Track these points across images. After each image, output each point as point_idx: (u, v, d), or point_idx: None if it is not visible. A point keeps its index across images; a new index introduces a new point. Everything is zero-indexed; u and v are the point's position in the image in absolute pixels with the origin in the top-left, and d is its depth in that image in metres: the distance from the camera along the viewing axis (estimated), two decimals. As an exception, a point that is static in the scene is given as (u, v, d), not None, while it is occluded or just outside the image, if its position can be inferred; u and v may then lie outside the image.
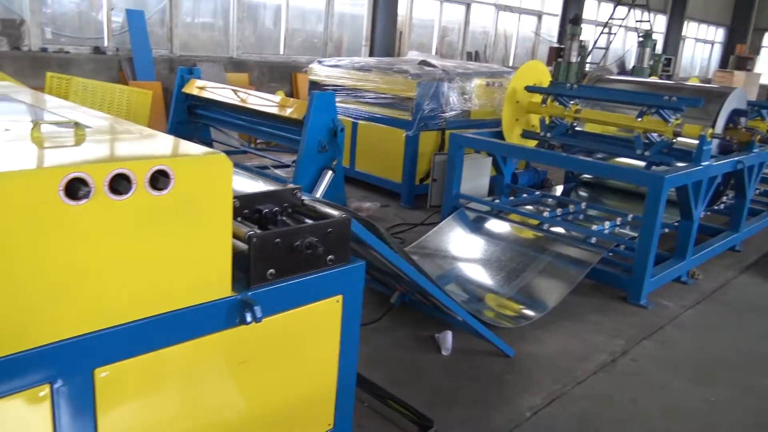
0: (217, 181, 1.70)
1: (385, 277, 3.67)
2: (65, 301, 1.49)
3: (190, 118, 5.95)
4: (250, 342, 1.92)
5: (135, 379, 1.69)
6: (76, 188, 1.43)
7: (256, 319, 1.82)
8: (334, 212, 2.16)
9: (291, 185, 2.25)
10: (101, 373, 1.61)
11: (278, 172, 6.04)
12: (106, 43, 8.43)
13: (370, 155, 6.74)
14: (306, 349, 2.11)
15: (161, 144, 1.80)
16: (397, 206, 6.34)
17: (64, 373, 1.54)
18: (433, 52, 13.38)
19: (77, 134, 1.78)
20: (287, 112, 5.13)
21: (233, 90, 5.85)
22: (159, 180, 1.57)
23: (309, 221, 2.12)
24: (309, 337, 2.10)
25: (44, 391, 1.52)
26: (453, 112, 6.36)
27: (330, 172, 4.97)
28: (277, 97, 5.53)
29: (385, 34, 11.20)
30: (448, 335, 3.52)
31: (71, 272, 1.48)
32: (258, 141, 7.67)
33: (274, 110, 5.21)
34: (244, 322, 1.83)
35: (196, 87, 5.95)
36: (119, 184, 1.50)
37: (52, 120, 1.85)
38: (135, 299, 1.62)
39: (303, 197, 2.24)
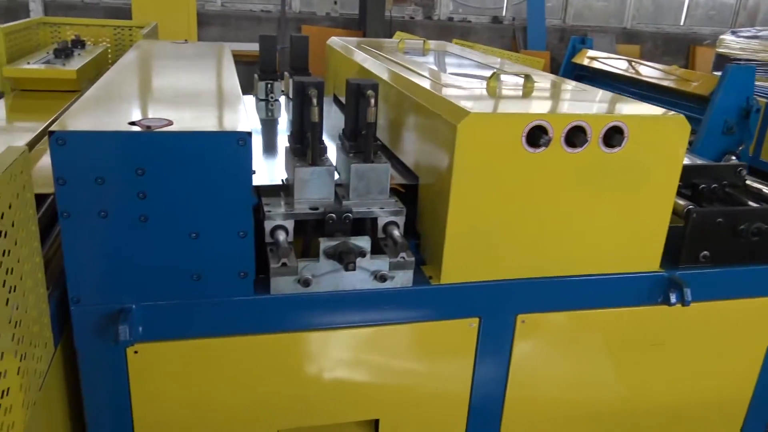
0: (671, 146, 1.56)
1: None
2: (507, 244, 1.55)
3: (577, 88, 5.83)
4: (668, 325, 1.76)
5: (550, 332, 1.70)
6: (537, 136, 1.45)
7: (683, 302, 1.65)
8: (788, 199, 1.83)
9: (734, 161, 1.97)
10: (522, 320, 1.65)
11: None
12: (504, 13, 8.83)
13: (785, 144, 5.69)
14: (726, 348, 1.85)
15: (613, 101, 1.72)
16: (812, 208, 5.25)
17: (492, 312, 1.62)
18: None
19: (527, 86, 1.82)
20: (691, 86, 4.63)
21: (628, 60, 5.53)
22: (613, 137, 1.50)
23: (753, 204, 1.83)
24: (732, 336, 1.84)
25: (474, 323, 1.62)
26: None
27: (733, 158, 4.35)
28: (679, 70, 5.03)
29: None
30: None
31: (519, 216, 1.53)
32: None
33: (674, 84, 4.75)
34: (667, 302, 1.67)
35: (587, 57, 5.80)
36: (576, 136, 1.48)
37: (507, 71, 1.93)
38: (567, 255, 1.61)
39: (746, 177, 1.95)
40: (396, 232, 1.54)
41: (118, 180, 1.27)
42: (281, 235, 1.47)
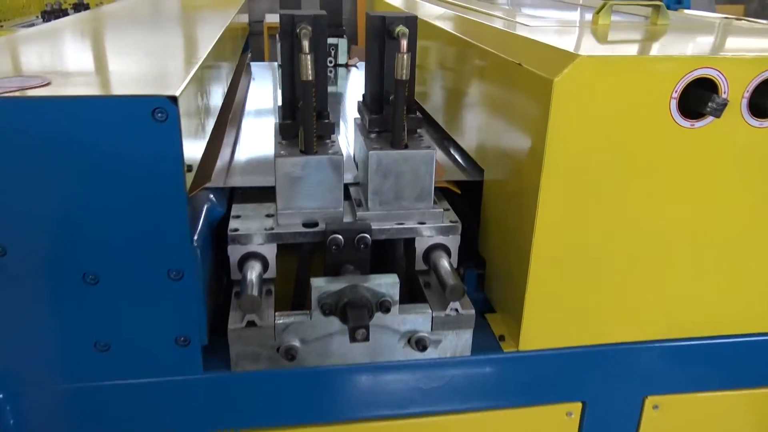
0: None
1: None
2: (635, 284, 0.91)
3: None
4: None
5: (698, 423, 1.05)
6: (700, 98, 0.80)
7: None
8: None
9: None
10: (653, 405, 1.01)
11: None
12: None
13: None
14: None
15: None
16: None
17: (604, 394, 0.99)
18: None
19: (656, 23, 1.15)
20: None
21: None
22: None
23: None
24: None
25: (573, 411, 0.99)
26: None
27: None
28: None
29: None
30: None
31: (659, 238, 0.88)
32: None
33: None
34: None
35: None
36: (765, 98, 0.82)
37: (621, 2, 1.25)
38: (740, 304, 0.95)
39: None
40: (445, 264, 0.92)
41: (-57, 186, 0.72)
42: (254, 271, 0.88)
